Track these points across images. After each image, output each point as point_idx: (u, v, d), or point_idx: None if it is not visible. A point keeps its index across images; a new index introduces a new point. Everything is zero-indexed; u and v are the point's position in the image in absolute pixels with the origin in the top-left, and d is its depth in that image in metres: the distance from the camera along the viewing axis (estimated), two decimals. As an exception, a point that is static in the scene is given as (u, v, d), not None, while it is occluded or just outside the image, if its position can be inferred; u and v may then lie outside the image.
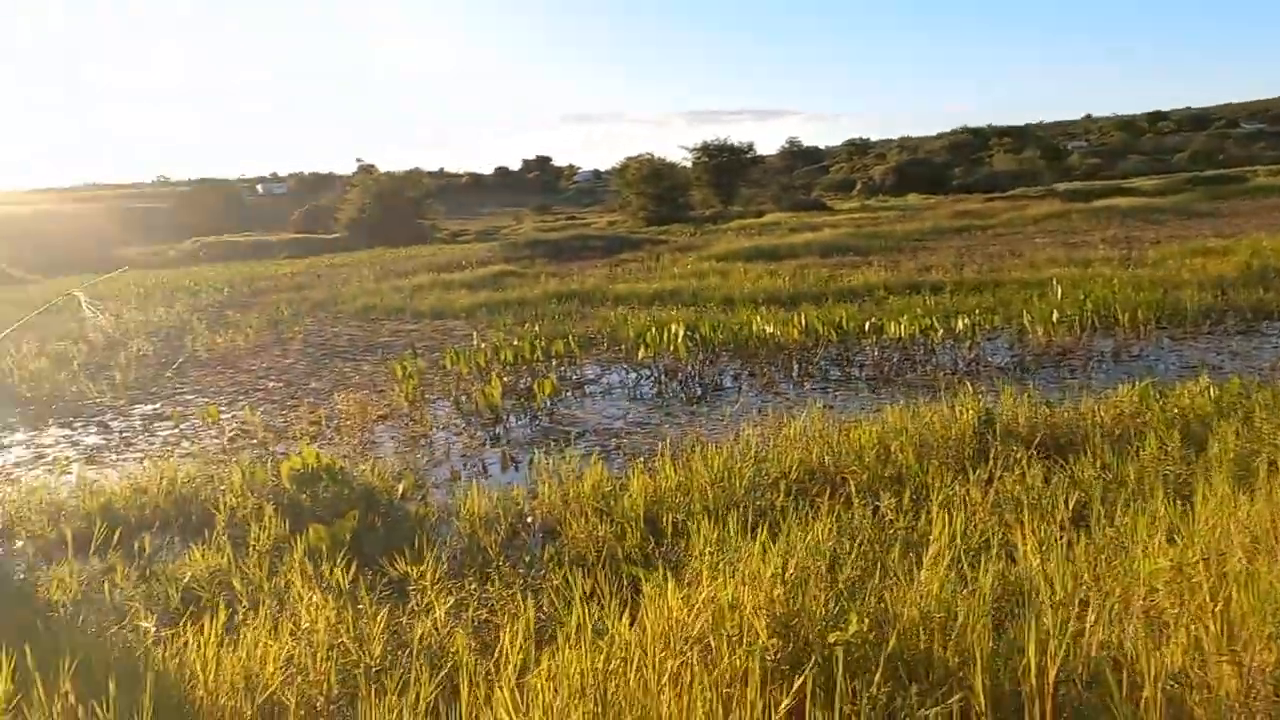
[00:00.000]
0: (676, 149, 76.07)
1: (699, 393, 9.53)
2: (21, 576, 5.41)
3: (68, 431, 9.49)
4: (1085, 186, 46.22)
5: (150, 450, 8.46)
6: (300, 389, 11.07)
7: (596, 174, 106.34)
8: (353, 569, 4.46)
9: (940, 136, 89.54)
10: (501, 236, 54.16)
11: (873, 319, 11.60)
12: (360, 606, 3.68)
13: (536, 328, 13.16)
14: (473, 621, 3.64)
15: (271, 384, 11.52)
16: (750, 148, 58.57)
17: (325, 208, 59.32)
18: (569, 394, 9.59)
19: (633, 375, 10.50)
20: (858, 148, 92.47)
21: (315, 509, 5.85)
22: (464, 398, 9.20)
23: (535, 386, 9.26)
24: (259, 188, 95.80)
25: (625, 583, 4.16)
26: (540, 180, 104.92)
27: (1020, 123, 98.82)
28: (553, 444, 7.77)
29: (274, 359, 13.33)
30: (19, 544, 5.85)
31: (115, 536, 5.53)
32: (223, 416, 9.40)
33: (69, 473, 7.70)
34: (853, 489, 5.05)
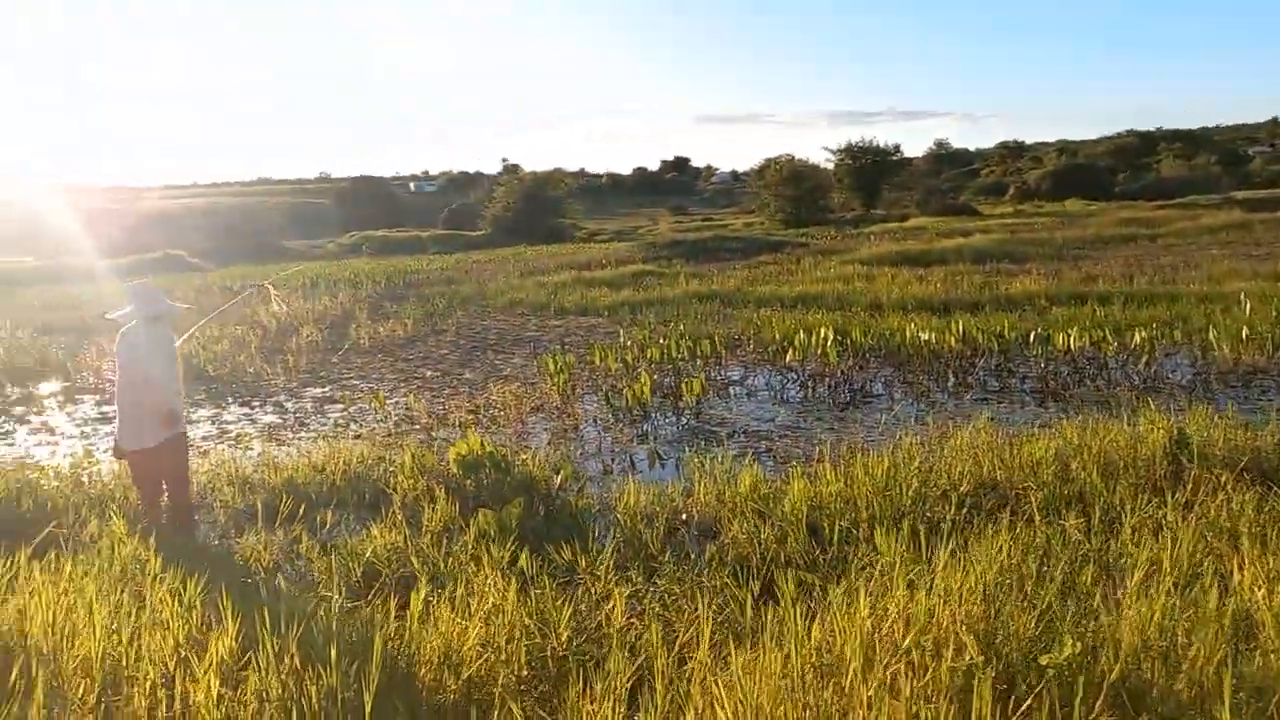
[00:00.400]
0: (818, 150, 74.78)
1: (848, 398, 9.30)
2: (217, 542, 5.86)
3: (247, 410, 10.21)
4: (1270, 195, 42.47)
5: (322, 430, 8.98)
6: (455, 378, 11.51)
7: (734, 175, 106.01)
8: (522, 555, 4.58)
9: (1102, 140, 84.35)
10: (638, 236, 54.82)
11: (1037, 329, 11.02)
12: (540, 591, 3.77)
13: (681, 327, 13.19)
14: (653, 614, 3.66)
15: (429, 372, 12.03)
16: (896, 149, 56.97)
17: (472, 205, 61.62)
18: (714, 394, 9.57)
19: (778, 378, 10.37)
20: (1011, 150, 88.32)
21: (479, 494, 6.06)
22: (613, 393, 9.32)
23: (683, 385, 9.28)
24: (411, 185, 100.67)
25: (794, 586, 4.09)
26: (678, 181, 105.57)
27: (1193, 126, 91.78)
28: (702, 443, 7.76)
29: (429, 349, 13.93)
30: (214, 511, 6.31)
31: (299, 510, 5.89)
32: (387, 402, 9.89)
33: (251, 448, 8.28)
34: (1034, 506, 4.78)
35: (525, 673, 3.11)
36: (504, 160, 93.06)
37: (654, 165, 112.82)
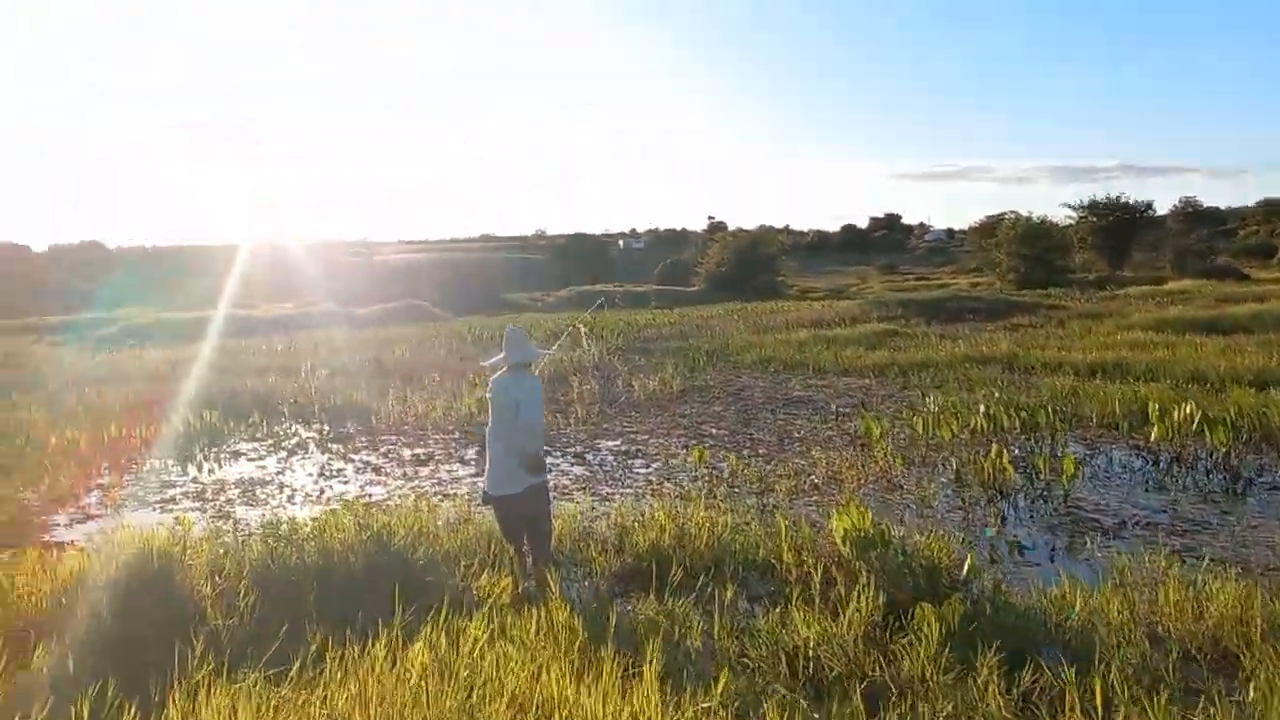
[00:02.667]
0: (1040, 207, 70.24)
1: (1238, 485, 7.89)
2: (616, 611, 5.49)
3: (554, 459, 10.12)
4: None
5: (636, 486, 8.65)
6: (746, 437, 10.99)
7: (950, 233, 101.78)
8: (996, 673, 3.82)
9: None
10: (853, 294, 53.36)
11: None
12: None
13: (996, 394, 12.01)
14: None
15: (714, 430, 11.60)
16: (1148, 206, 52.25)
17: (685, 262, 62.47)
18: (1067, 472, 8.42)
19: (1133, 457, 9.06)
20: (1275, 208, 79.05)
21: (879, 578, 5.35)
22: (963, 467, 8.40)
23: (1038, 461, 8.22)
24: (620, 243, 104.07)
25: None
26: (887, 239, 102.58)
27: None
28: (1091, 533, 6.70)
29: (699, 405, 13.56)
30: (586, 571, 5.99)
31: (672, 576, 5.43)
32: (685, 459, 9.48)
33: (575, 500, 8.03)
34: None
35: None
36: (710, 218, 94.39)
37: (862, 223, 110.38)
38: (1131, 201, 51.92)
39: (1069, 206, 54.88)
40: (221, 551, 5.26)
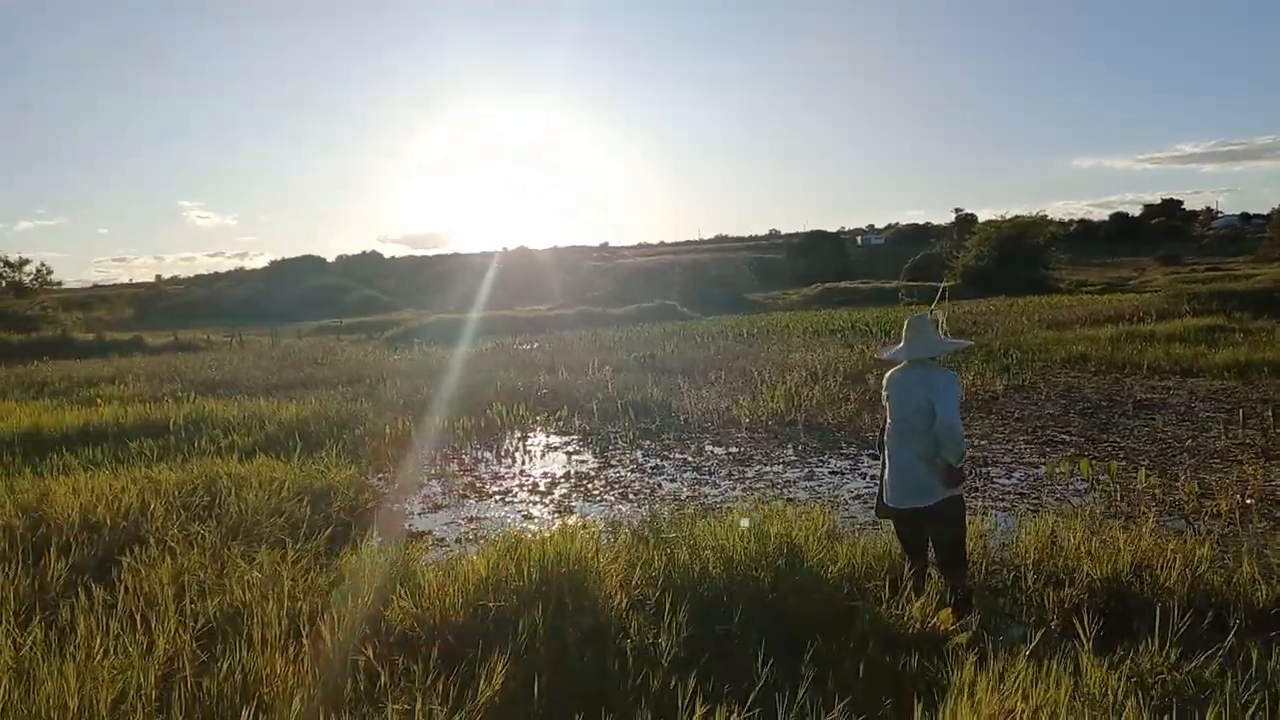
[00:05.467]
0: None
1: None
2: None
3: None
4: None
5: (1006, 500, 7.48)
6: (1107, 445, 9.44)
7: (1244, 217, 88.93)
8: None
9: None
10: (1135, 288, 47.62)
11: None
12: None
13: None
14: None
15: (1064, 436, 10.08)
16: None
17: (937, 255, 58.91)
18: None
19: None
20: None
21: None
22: None
23: None
24: (858, 239, 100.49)
25: None
26: (1165, 227, 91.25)
27: None
28: None
29: (1030, 407, 12.00)
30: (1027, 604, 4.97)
31: (1181, 622, 4.28)
32: (1043, 468, 8.15)
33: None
34: None
35: None
36: (956, 210, 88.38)
37: (1135, 210, 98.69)
38: None
39: None
40: (626, 558, 4.77)
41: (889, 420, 5.17)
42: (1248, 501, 6.89)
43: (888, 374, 5.33)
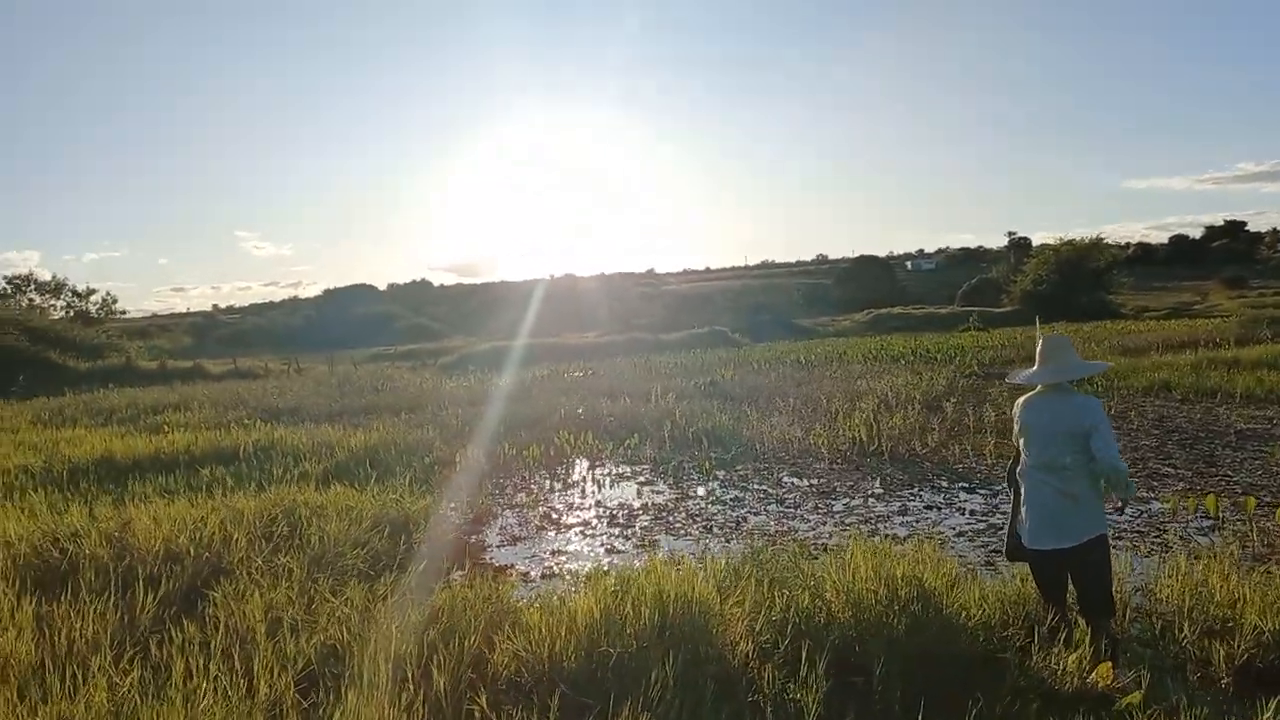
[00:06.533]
0: None
1: None
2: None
3: (973, 499, 8.66)
4: None
5: (1128, 538, 6.99)
6: (1217, 479, 8.88)
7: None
8: None
9: None
10: (1202, 312, 46.16)
11: None
12: None
13: None
14: None
15: (1168, 468, 9.53)
16: None
17: (992, 280, 57.80)
18: None
19: None
20: None
21: None
22: None
23: None
24: (908, 264, 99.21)
25: None
26: (1228, 249, 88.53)
27: None
28: None
29: (1124, 438, 11.40)
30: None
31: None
32: (1149, 503, 7.63)
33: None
34: None
35: None
36: (1010, 234, 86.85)
37: (1196, 233, 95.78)
38: None
39: None
40: (751, 601, 4.42)
41: (1024, 452, 4.78)
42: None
43: (1020, 400, 4.93)
